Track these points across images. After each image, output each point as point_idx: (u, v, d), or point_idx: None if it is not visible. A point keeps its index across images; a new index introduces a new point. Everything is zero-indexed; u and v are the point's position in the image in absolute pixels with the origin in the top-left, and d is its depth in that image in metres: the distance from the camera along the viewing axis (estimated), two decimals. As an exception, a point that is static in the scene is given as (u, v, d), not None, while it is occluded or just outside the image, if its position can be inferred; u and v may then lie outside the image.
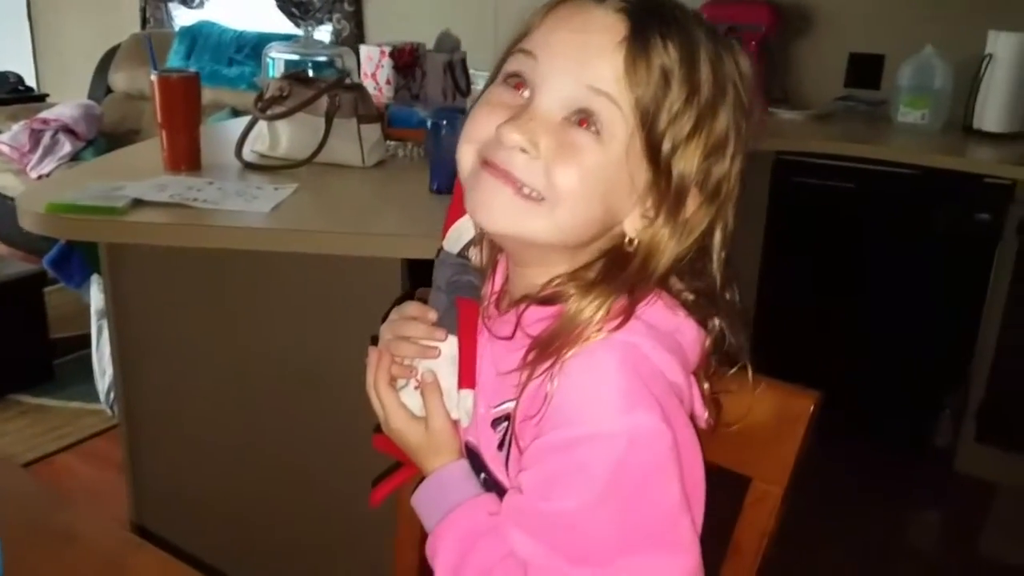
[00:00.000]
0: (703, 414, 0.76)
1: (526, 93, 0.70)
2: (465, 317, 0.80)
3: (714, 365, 0.76)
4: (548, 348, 0.69)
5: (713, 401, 0.77)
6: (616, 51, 0.67)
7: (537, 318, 0.73)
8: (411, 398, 0.84)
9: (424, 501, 0.83)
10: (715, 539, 0.74)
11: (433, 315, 0.82)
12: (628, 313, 0.69)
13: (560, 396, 0.68)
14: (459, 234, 0.84)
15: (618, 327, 0.69)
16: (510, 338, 0.75)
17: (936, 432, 2.46)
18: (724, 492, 0.85)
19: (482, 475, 0.81)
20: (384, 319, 0.86)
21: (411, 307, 0.85)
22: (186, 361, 1.61)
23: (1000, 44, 2.48)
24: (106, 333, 2.10)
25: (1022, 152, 2.34)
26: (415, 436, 0.83)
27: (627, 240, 0.73)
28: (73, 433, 2.56)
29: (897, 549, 2.24)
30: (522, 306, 0.75)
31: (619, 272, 0.71)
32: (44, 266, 2.52)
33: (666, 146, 0.68)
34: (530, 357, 0.70)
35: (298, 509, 1.62)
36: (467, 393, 0.80)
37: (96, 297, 2.33)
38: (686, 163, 0.69)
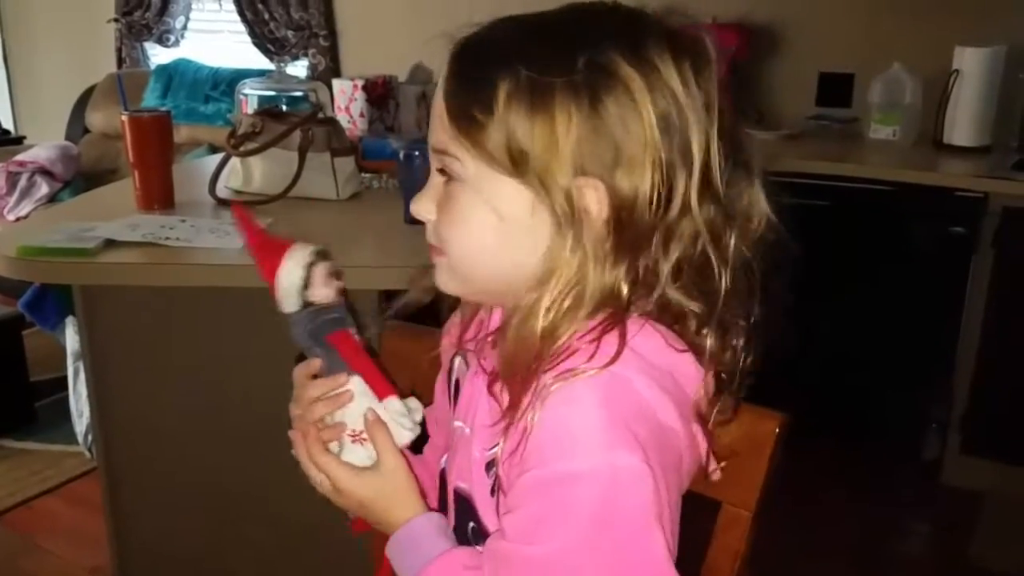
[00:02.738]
0: (707, 462, 0.72)
1: None
2: (344, 346, 0.81)
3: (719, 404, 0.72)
4: (513, 369, 0.67)
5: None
6: (443, 102, 0.70)
7: None
8: (352, 453, 0.80)
9: (396, 554, 0.80)
10: (685, 561, 0.73)
11: (316, 363, 0.82)
12: (620, 346, 0.65)
13: (539, 431, 0.65)
14: (287, 288, 0.83)
15: (611, 362, 0.65)
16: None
17: (924, 445, 2.47)
18: (690, 513, 0.84)
19: (471, 524, 0.78)
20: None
21: (296, 371, 0.84)
22: (164, 402, 1.59)
23: (966, 59, 2.52)
24: (82, 375, 2.08)
25: (992, 165, 2.37)
26: (370, 486, 0.80)
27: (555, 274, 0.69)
28: (55, 476, 2.53)
29: (887, 561, 2.23)
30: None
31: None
32: (19, 309, 2.51)
33: (519, 157, 0.65)
34: (502, 385, 0.69)
35: (285, 553, 1.60)
36: (393, 399, 0.79)
37: (71, 339, 2.31)
38: (550, 172, 0.65)
